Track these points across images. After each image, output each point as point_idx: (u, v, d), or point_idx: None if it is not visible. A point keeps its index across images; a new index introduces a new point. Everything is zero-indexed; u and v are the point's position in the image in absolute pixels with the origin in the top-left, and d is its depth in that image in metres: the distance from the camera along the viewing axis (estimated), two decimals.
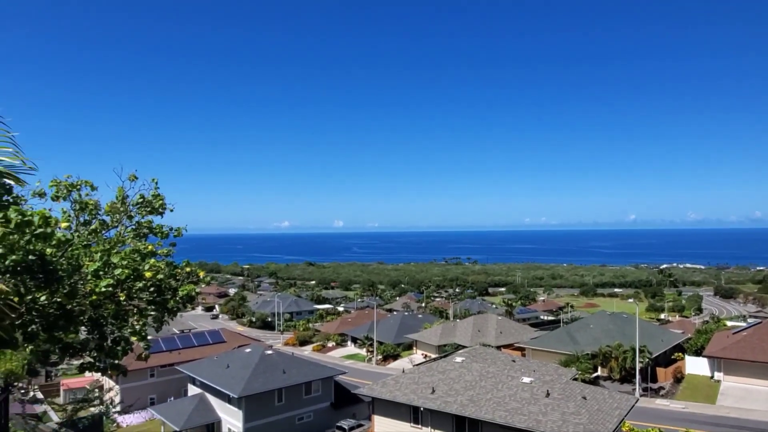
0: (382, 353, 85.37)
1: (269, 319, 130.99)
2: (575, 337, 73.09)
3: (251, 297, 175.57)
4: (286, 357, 52.44)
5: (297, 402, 46.95)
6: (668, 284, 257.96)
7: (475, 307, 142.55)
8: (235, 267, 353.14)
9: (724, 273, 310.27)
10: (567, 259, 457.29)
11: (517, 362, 43.94)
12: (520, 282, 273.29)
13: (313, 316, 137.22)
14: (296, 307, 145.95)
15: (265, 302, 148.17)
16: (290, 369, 48.08)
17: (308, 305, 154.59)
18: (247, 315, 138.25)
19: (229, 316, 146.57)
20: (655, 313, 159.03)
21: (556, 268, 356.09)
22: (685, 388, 60.08)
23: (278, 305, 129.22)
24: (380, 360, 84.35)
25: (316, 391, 48.50)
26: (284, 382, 46.11)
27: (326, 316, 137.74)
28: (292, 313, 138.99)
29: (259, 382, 44.86)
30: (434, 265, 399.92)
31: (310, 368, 50.21)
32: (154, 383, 58.60)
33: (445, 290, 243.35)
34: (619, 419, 34.10)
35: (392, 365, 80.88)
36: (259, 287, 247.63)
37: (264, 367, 47.22)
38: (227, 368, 48.26)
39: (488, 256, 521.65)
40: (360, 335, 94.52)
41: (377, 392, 40.37)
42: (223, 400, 46.21)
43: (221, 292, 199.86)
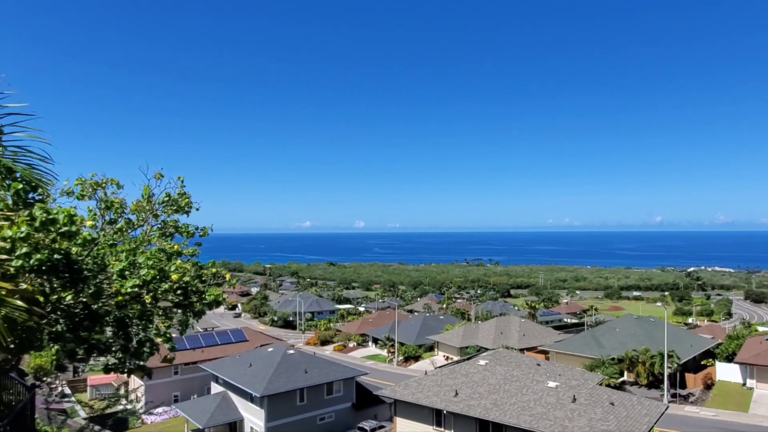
0: (403, 354, 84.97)
1: (291, 318, 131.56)
2: (600, 341, 71.70)
3: (273, 296, 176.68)
4: (308, 357, 52.43)
5: (319, 402, 46.86)
6: (696, 288, 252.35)
7: (497, 309, 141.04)
8: (257, 266, 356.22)
9: (755, 277, 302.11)
10: (591, 261, 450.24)
11: (541, 366, 43.10)
12: (542, 284, 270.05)
13: (334, 316, 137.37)
14: (317, 306, 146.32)
15: (286, 301, 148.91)
16: (312, 369, 48.01)
17: (329, 305, 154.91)
18: (269, 314, 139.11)
19: (251, 314, 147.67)
20: (683, 317, 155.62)
21: (580, 270, 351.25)
22: (715, 395, 58.44)
23: (300, 305, 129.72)
24: (401, 361, 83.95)
25: (337, 391, 48.34)
26: (306, 381, 46.06)
27: (347, 316, 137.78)
28: (314, 313, 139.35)
29: (281, 381, 44.88)
30: (455, 266, 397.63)
31: (331, 368, 50.07)
32: (178, 381, 59.13)
33: (466, 291, 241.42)
34: (648, 426, 33.17)
35: (413, 366, 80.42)
36: (281, 286, 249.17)
37: (286, 366, 47.24)
38: (250, 367, 48.41)
39: (510, 257, 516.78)
40: (381, 336, 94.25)
41: (399, 394, 40.01)
42: (246, 399, 46.34)
43: (243, 291, 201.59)
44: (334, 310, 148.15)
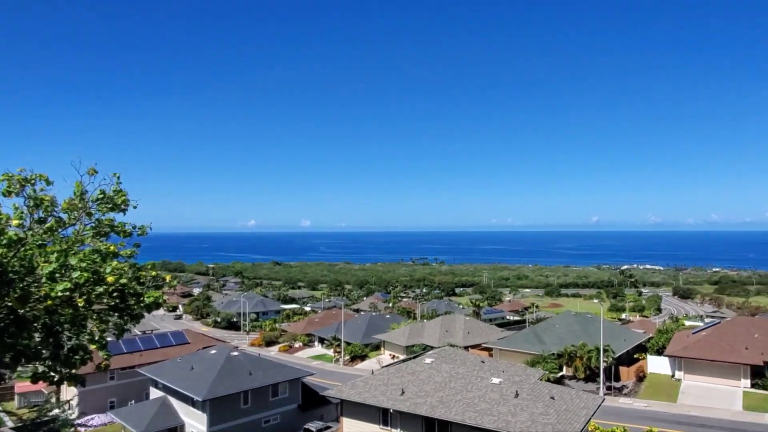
0: (349, 354, 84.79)
1: (235, 319, 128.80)
2: (541, 338, 74.03)
3: (216, 297, 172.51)
4: (253, 358, 51.38)
5: (263, 404, 46.02)
6: (629, 285, 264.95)
7: (442, 308, 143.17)
8: (200, 266, 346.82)
9: (681, 274, 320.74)
10: (532, 259, 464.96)
11: (485, 363, 43.98)
12: (486, 282, 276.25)
13: (280, 316, 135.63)
14: (262, 307, 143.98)
15: (230, 302, 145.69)
16: (257, 370, 47.09)
17: (275, 305, 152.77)
18: (212, 315, 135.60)
19: (193, 316, 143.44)
20: (617, 313, 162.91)
21: (522, 268, 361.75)
22: (647, 387, 61.46)
23: (244, 305, 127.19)
24: (348, 361, 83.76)
25: (283, 392, 47.64)
26: (250, 384, 45.12)
27: (293, 316, 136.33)
28: (259, 313, 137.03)
29: (224, 384, 43.77)
30: (401, 266, 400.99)
31: (277, 369, 49.30)
32: (114, 386, 56.63)
33: (412, 290, 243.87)
34: (586, 419, 34.44)
35: (360, 366, 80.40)
36: (225, 287, 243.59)
37: (229, 368, 46.12)
38: (191, 370, 46.95)
39: (455, 256, 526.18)
40: (327, 335, 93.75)
41: (346, 394, 39.84)
42: (187, 404, 44.91)
43: (185, 292, 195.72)
44: (280, 310, 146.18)
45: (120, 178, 10.19)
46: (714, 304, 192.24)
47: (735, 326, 68.36)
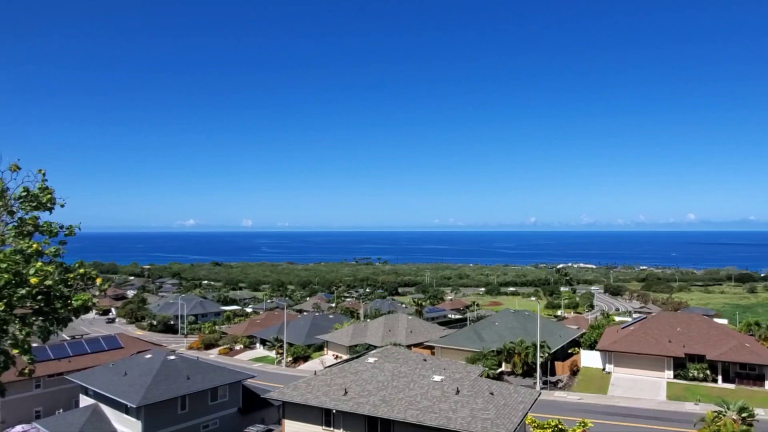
0: (292, 355, 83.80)
1: (172, 322, 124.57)
2: (481, 335, 75.80)
3: (152, 299, 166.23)
4: (191, 362, 49.83)
5: (202, 409, 44.72)
6: (564, 283, 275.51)
7: (385, 307, 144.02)
8: (134, 267, 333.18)
9: (612, 272, 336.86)
10: (473, 259, 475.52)
11: (427, 361, 44.56)
12: (429, 282, 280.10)
13: (220, 318, 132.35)
14: (202, 309, 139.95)
15: (167, 304, 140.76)
16: (195, 374, 45.71)
17: (214, 307, 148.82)
18: (147, 318, 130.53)
19: (127, 319, 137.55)
20: (553, 310, 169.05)
21: (463, 268, 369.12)
22: (580, 380, 64.13)
23: (182, 307, 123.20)
24: (290, 362, 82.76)
25: (222, 396, 46.47)
26: (188, 388, 43.74)
27: (234, 317, 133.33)
28: (197, 316, 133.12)
29: (160, 389, 42.22)
30: (345, 265, 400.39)
31: (216, 373, 48.03)
32: (41, 395, 53.45)
33: (355, 290, 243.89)
34: (523, 413, 35.54)
35: (303, 367, 79.63)
36: (161, 288, 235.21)
37: (166, 373, 44.52)
38: (125, 376, 45.01)
39: (398, 256, 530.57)
40: (269, 337, 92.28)
41: (288, 396, 39.34)
42: (120, 411, 43.01)
43: (118, 294, 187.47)
44: (220, 312, 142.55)
45: (46, 175, 9.60)
46: (641, 300, 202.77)
47: (659, 321, 72.47)
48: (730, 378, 60.67)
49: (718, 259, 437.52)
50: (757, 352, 61.00)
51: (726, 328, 75.01)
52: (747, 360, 60.01)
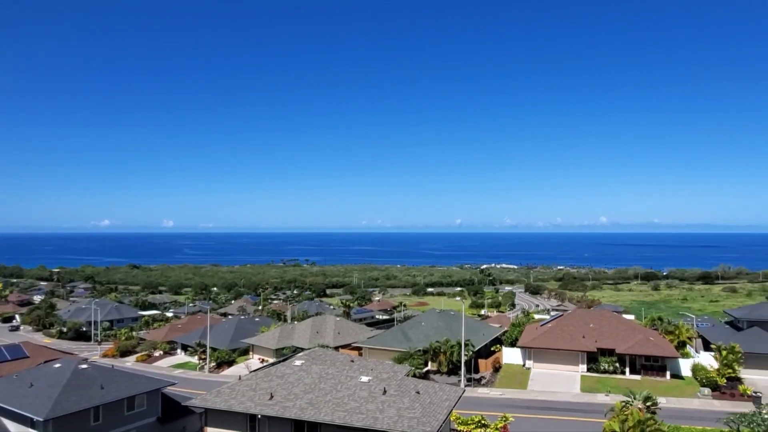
0: (216, 360, 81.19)
1: (84, 328, 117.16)
2: (408, 335, 76.85)
3: (62, 304, 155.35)
4: (105, 370, 47.09)
5: (118, 419, 42.35)
6: (487, 283, 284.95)
7: (313, 309, 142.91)
8: (42, 271, 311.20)
9: (532, 272, 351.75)
10: (401, 260, 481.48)
11: (355, 362, 44.61)
12: (357, 283, 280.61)
13: (138, 324, 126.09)
14: (117, 314, 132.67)
15: (79, 310, 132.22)
16: (109, 383, 43.23)
17: (132, 312, 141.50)
18: (56, 325, 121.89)
19: (33, 327, 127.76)
20: (477, 309, 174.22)
21: (391, 269, 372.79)
22: (502, 377, 66.47)
23: (95, 313, 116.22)
24: (214, 367, 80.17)
25: (140, 405, 44.24)
26: (102, 398, 41.29)
27: (153, 323, 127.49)
28: (113, 321, 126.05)
29: (70, 401, 39.57)
30: (272, 267, 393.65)
31: (133, 381, 45.66)
32: None
33: (282, 292, 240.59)
34: (448, 410, 36.38)
35: (227, 372, 77.38)
36: (72, 293, 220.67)
37: (77, 383, 41.81)
38: (30, 387, 41.82)
39: (326, 257, 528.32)
40: (191, 342, 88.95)
41: (211, 402, 38.09)
42: (26, 425, 39.89)
43: (23, 299, 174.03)
44: (138, 317, 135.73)
45: None
46: (558, 298, 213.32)
47: (574, 318, 76.49)
48: (637, 370, 65.04)
49: (626, 259, 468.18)
50: (660, 345, 65.81)
51: (633, 323, 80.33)
52: (651, 353, 64.60)
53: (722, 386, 57.89)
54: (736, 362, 60.04)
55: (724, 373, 59.18)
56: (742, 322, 75.40)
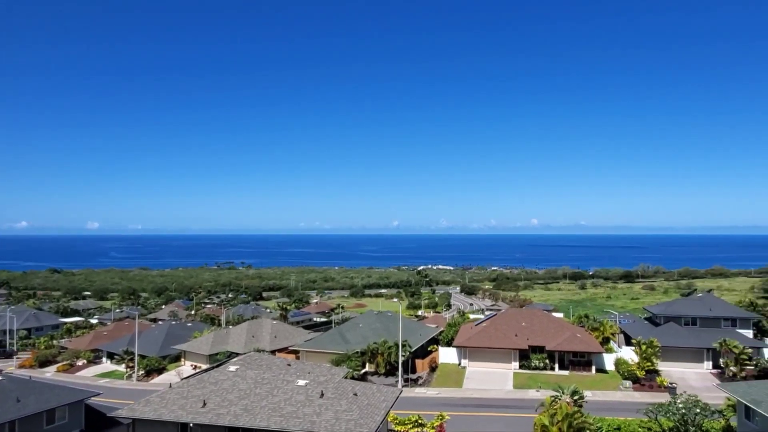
0: (144, 368, 77.79)
1: None
2: (346, 337, 76.67)
3: None
4: (22, 382, 44.01)
5: None
6: (424, 284, 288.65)
7: (248, 313, 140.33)
8: None
9: (467, 273, 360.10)
10: (338, 262, 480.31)
11: (292, 366, 44.00)
12: (294, 285, 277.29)
13: (59, 332, 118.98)
14: (36, 321, 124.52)
15: None
16: (26, 396, 40.45)
17: (52, 319, 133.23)
18: None
19: None
20: (414, 310, 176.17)
21: (329, 270, 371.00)
22: (439, 376, 67.55)
23: (11, 321, 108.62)
24: (142, 376, 76.80)
25: (61, 418, 41.64)
26: (18, 412, 38.54)
27: (76, 330, 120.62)
28: (31, 329, 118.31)
29: None
30: (205, 270, 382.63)
31: (53, 393, 42.92)
32: None
33: (217, 296, 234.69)
34: (386, 411, 36.55)
35: (157, 380, 74.32)
36: None
37: None
38: None
39: (263, 260, 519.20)
40: (118, 350, 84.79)
41: (139, 412, 36.45)
42: None
43: None
44: (59, 324, 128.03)
45: None
46: (492, 298, 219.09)
47: (507, 317, 78.95)
48: (565, 365, 67.92)
49: (556, 259, 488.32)
50: (586, 342, 69.05)
51: (562, 321, 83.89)
52: (578, 349, 67.68)
53: (642, 378, 61.52)
54: (654, 356, 64.01)
55: (643, 366, 62.90)
56: (659, 318, 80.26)
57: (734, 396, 35.41)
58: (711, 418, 38.39)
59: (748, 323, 75.55)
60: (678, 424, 37.75)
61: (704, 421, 37.85)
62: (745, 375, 61.00)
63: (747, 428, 33.16)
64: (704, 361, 68.65)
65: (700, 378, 64.08)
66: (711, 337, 68.29)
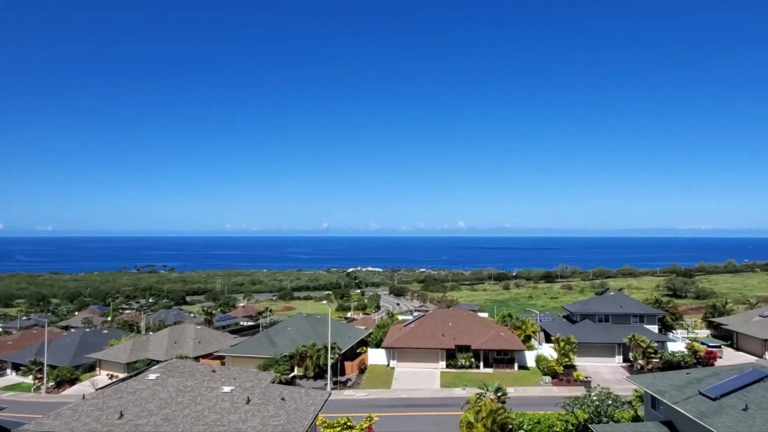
0: (55, 379, 72.82)
1: None
2: (274, 341, 75.39)
3: None
4: None
5: None
6: (354, 286, 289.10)
7: (171, 318, 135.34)
8: None
9: (396, 274, 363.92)
10: (267, 264, 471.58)
11: (217, 372, 42.62)
12: (220, 289, 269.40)
13: None
14: None
15: None
16: None
17: None
18: None
19: None
20: (343, 312, 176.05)
21: (256, 273, 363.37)
22: (368, 378, 67.79)
23: None
24: (53, 387, 71.87)
25: None
26: None
27: None
28: None
29: None
30: (124, 274, 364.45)
31: None
32: None
33: (136, 301, 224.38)
34: (314, 415, 36.20)
35: (69, 392, 69.84)
36: None
37: None
38: None
39: (187, 263, 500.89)
40: (25, 360, 78.90)
41: (48, 426, 33.98)
42: None
43: None
44: None
45: None
46: (421, 299, 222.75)
47: (435, 317, 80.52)
48: (490, 363, 70.17)
49: (481, 261, 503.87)
50: (509, 340, 71.69)
51: (487, 320, 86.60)
52: (502, 347, 70.14)
53: (560, 374, 64.67)
54: (572, 351, 67.48)
55: (561, 362, 66.15)
56: (576, 316, 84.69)
57: (641, 387, 37.87)
58: (621, 408, 40.95)
59: (654, 319, 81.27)
60: (592, 416, 39.96)
61: (615, 412, 40.28)
62: (651, 367, 65.56)
63: (653, 417, 35.55)
64: (616, 355, 73.15)
65: (612, 371, 68.18)
66: (622, 333, 72.84)
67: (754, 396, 29.03)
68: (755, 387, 29.96)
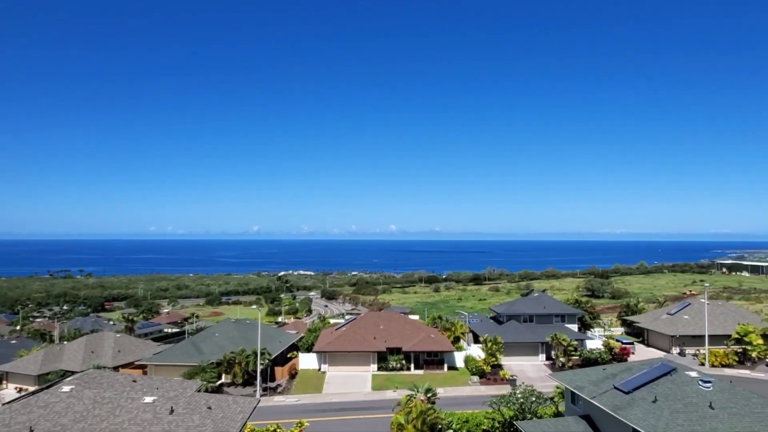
0: None
1: None
2: (200, 348, 72.84)
3: None
4: None
5: None
6: (285, 290, 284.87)
7: (88, 326, 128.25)
8: None
9: (328, 278, 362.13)
10: (193, 269, 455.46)
11: (138, 382, 40.61)
12: (142, 294, 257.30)
13: None
14: None
15: None
16: None
17: None
18: None
19: None
20: (274, 316, 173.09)
21: (182, 278, 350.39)
22: (298, 383, 66.90)
23: None
24: None
25: None
26: None
27: None
28: None
29: None
30: (35, 280, 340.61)
31: None
32: None
33: (49, 308, 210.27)
34: (242, 423, 35.27)
35: None
36: None
37: None
38: None
39: (105, 267, 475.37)
40: None
41: None
42: None
43: None
44: None
45: None
46: (353, 302, 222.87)
47: (366, 320, 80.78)
48: (420, 365, 71.20)
49: (412, 264, 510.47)
50: (439, 341, 73.06)
51: (417, 323, 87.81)
52: (432, 348, 71.37)
53: (488, 373, 66.63)
54: (498, 351, 69.68)
55: (489, 361, 68.17)
56: (503, 317, 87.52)
57: (562, 383, 39.70)
58: (544, 405, 42.81)
59: (574, 318, 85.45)
60: (517, 413, 41.45)
61: (539, 408, 42.00)
62: (571, 365, 68.87)
63: (573, 411, 37.35)
64: (539, 354, 76.29)
65: (536, 369, 71.06)
66: (545, 332, 76.05)
67: (662, 389, 31.16)
68: (663, 380, 32.18)
